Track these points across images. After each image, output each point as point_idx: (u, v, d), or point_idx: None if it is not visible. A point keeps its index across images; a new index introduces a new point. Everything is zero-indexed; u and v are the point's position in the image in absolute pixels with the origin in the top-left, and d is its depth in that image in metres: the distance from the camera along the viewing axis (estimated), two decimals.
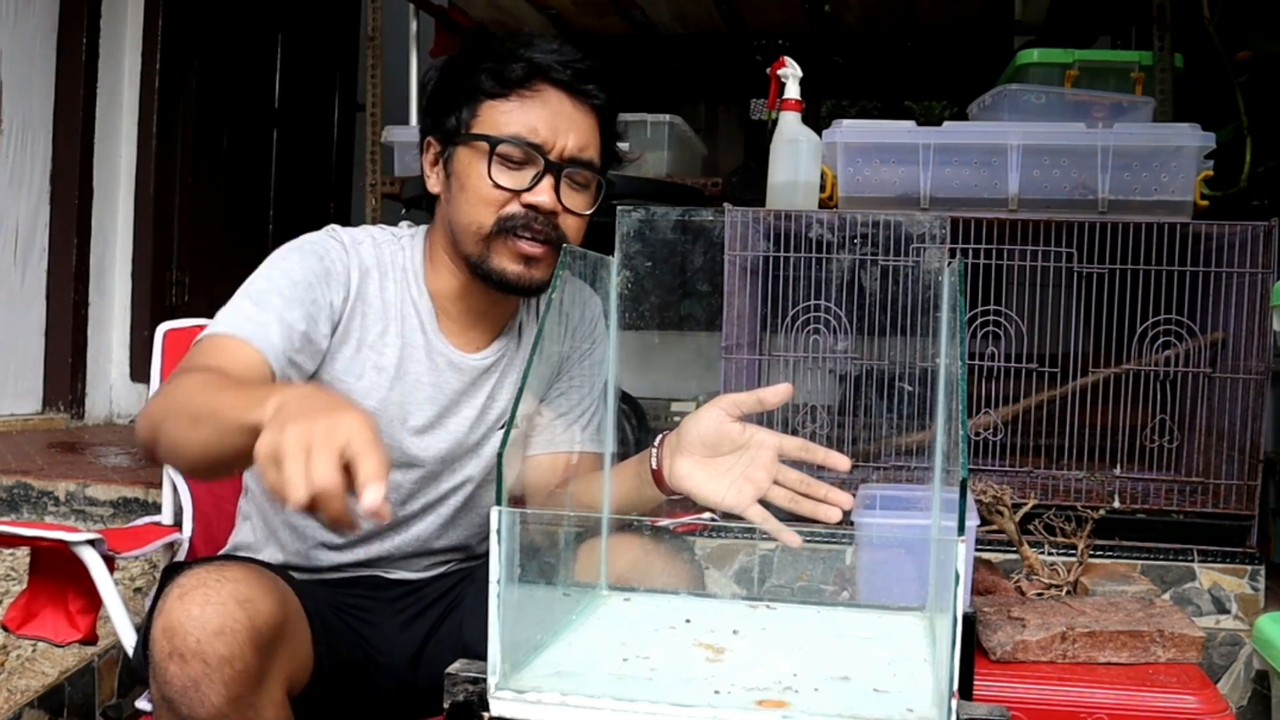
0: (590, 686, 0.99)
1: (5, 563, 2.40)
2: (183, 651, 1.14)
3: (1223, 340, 2.34)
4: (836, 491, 1.29)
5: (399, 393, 1.48)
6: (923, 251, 1.41)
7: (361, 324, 1.47)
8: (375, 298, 1.48)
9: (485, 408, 1.54)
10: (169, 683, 1.15)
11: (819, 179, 2.44)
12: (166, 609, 1.17)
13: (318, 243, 1.46)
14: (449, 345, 1.51)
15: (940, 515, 1.10)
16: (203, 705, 1.14)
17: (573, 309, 1.58)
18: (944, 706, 0.91)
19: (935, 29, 4.09)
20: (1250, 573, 2.27)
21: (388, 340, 1.48)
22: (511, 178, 1.41)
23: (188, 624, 1.15)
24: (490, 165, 1.41)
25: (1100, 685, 1.54)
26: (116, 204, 3.93)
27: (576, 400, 1.58)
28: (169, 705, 1.17)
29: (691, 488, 1.33)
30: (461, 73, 1.45)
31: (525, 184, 1.41)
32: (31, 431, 3.53)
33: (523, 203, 1.41)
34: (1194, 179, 2.34)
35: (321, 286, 1.42)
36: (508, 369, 1.56)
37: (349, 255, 1.46)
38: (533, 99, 1.42)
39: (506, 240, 1.42)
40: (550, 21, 3.96)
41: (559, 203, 1.42)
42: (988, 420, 2.39)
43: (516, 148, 1.41)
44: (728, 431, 1.32)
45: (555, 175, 1.42)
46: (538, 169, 1.41)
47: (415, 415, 1.49)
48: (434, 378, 1.50)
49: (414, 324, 1.50)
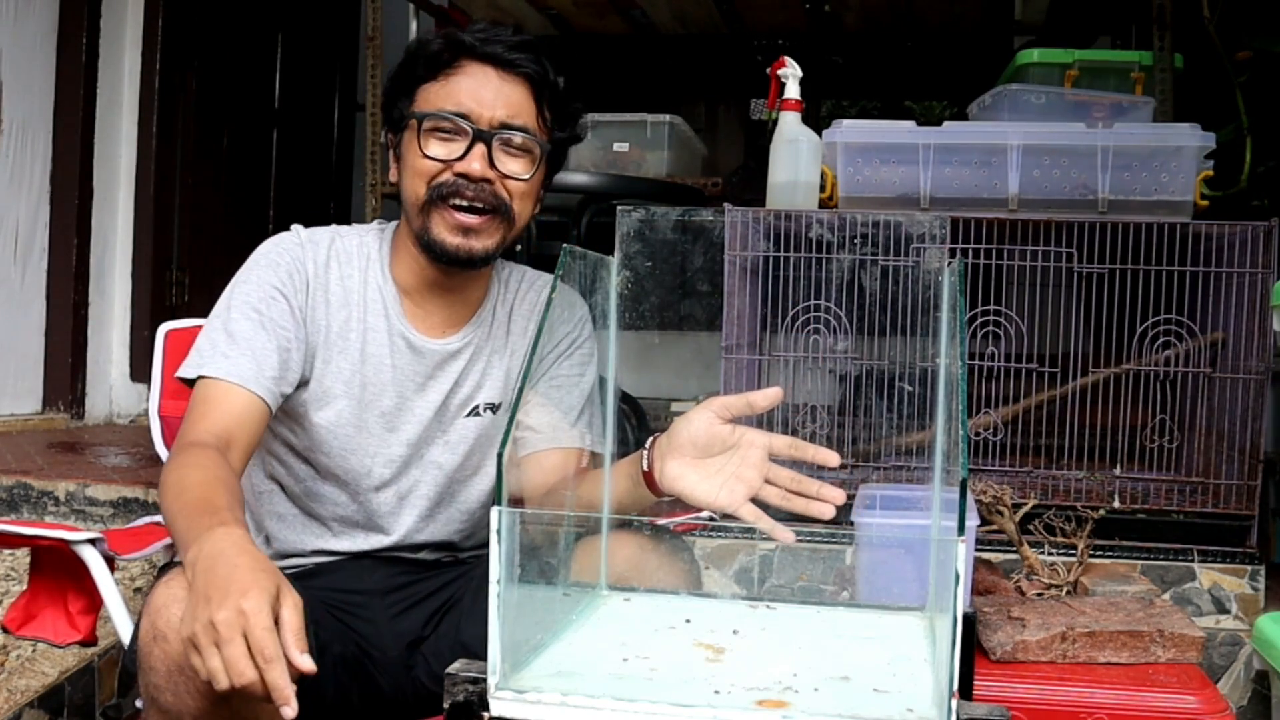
0: (590, 686, 0.99)
1: (5, 563, 2.40)
2: (165, 633, 1.13)
3: (1223, 340, 2.33)
4: (829, 488, 1.30)
5: (364, 375, 1.53)
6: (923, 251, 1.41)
7: (326, 313, 1.53)
8: (336, 286, 1.54)
9: (450, 393, 1.57)
10: (154, 669, 1.14)
11: (819, 179, 2.43)
12: (151, 597, 1.17)
13: (273, 250, 1.53)
14: (412, 329, 1.55)
15: (940, 515, 1.10)
16: (190, 692, 1.12)
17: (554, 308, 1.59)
18: (944, 706, 0.91)
19: (935, 29, 4.09)
20: (1250, 573, 2.27)
21: (350, 326, 1.53)
22: (444, 149, 1.48)
23: (171, 604, 1.14)
24: (420, 139, 1.48)
25: (1100, 685, 1.54)
26: (116, 204, 3.93)
27: (558, 399, 1.59)
28: (154, 698, 1.15)
29: (683, 489, 1.33)
30: (404, 68, 1.53)
31: (456, 154, 1.48)
32: (31, 431, 3.53)
33: (454, 171, 1.48)
34: (1194, 179, 2.34)
35: (284, 297, 1.49)
36: (475, 356, 1.58)
37: (304, 251, 1.53)
38: (458, 75, 1.49)
39: (443, 211, 1.48)
40: (550, 21, 3.97)
41: (491, 168, 1.47)
42: (988, 420, 2.39)
43: (444, 119, 1.47)
44: (718, 433, 1.32)
45: (485, 143, 1.47)
46: (467, 138, 1.47)
47: (382, 399, 1.54)
48: (394, 360, 1.54)
49: (377, 309, 1.55)
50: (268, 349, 1.45)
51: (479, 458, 1.60)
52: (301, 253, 1.53)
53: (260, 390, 1.42)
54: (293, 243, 1.54)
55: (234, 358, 1.43)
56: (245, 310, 1.47)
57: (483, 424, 1.59)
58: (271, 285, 1.49)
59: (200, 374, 1.43)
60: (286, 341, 1.47)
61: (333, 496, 1.56)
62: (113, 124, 3.87)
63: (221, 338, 1.45)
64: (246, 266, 1.53)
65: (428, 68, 1.50)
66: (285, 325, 1.48)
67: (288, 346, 1.47)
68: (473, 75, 1.49)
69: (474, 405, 1.58)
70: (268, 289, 1.49)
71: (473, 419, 1.58)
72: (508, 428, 1.04)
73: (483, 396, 1.59)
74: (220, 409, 1.40)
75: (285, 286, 1.49)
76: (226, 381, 1.41)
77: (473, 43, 1.49)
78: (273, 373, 1.44)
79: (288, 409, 1.52)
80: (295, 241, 1.54)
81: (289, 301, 1.49)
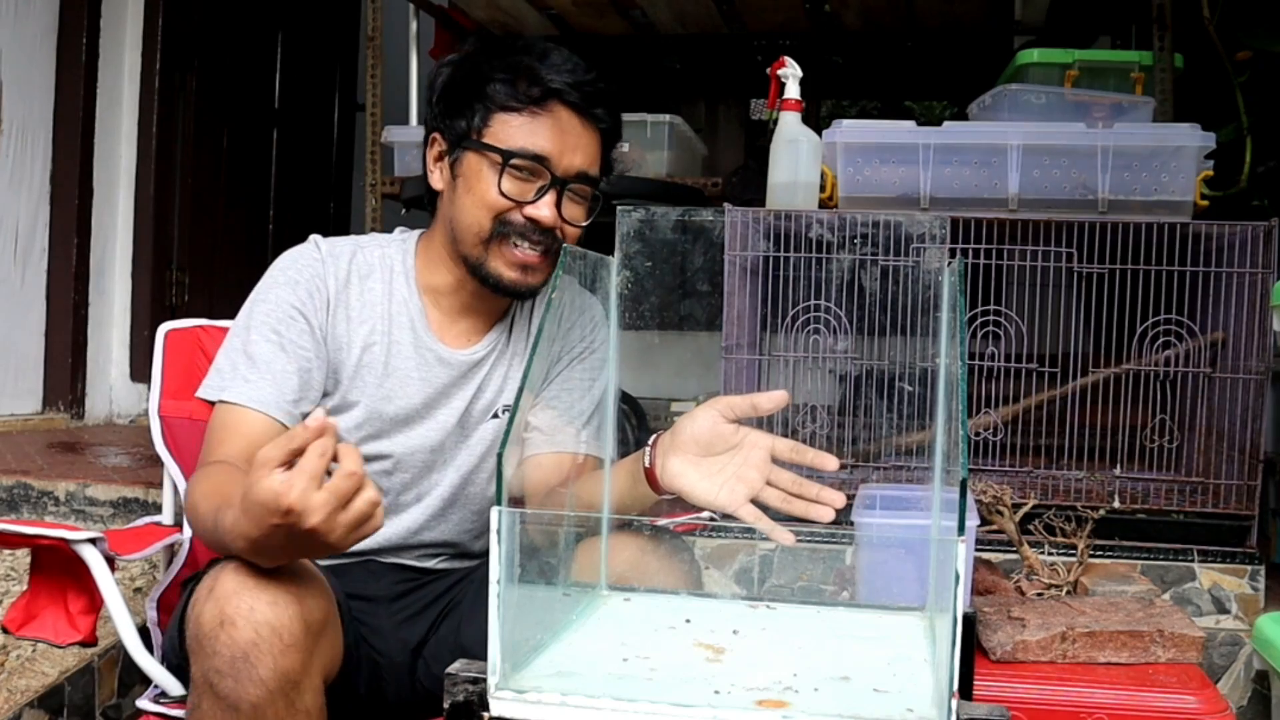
0: (590, 686, 0.99)
1: (5, 563, 2.40)
2: (234, 619, 1.14)
3: (1223, 340, 2.34)
4: (829, 491, 1.30)
5: (387, 389, 1.53)
6: (923, 251, 1.41)
7: (348, 330, 1.52)
8: (358, 301, 1.53)
9: (473, 399, 1.57)
10: (218, 653, 1.14)
11: (819, 179, 2.43)
12: (218, 582, 1.16)
13: (292, 266, 1.52)
14: (438, 341, 1.55)
15: (940, 515, 1.10)
16: (252, 679, 1.13)
17: (570, 311, 1.61)
18: (944, 706, 0.91)
19: (935, 29, 4.09)
20: (1250, 573, 2.27)
21: (374, 340, 1.53)
22: (517, 188, 1.47)
23: (241, 591, 1.15)
24: (501, 177, 1.46)
25: (1100, 685, 1.54)
26: (116, 204, 3.93)
27: (569, 403, 1.59)
28: (212, 685, 1.14)
29: (683, 486, 1.33)
30: (476, 77, 1.49)
31: (529, 196, 1.46)
32: (31, 431, 3.53)
33: (524, 214, 1.47)
34: (1194, 179, 2.34)
35: (304, 316, 1.49)
36: (497, 362, 1.59)
37: (325, 267, 1.53)
38: (545, 116, 1.47)
39: (504, 247, 1.48)
40: (550, 21, 3.96)
41: (559, 216, 1.47)
42: (988, 420, 2.39)
43: (527, 161, 1.46)
44: (721, 432, 1.32)
45: (559, 191, 1.47)
46: (543, 183, 1.47)
47: (404, 409, 1.54)
48: (422, 373, 1.54)
49: (402, 322, 1.54)
50: (287, 371, 1.46)
51: (495, 459, 1.59)
52: (322, 269, 1.52)
53: (280, 414, 1.44)
54: (313, 258, 1.53)
55: (254, 381, 1.44)
56: (265, 331, 1.47)
57: (500, 426, 1.59)
58: (290, 305, 1.49)
59: (221, 398, 1.45)
60: (306, 362, 1.48)
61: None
62: (113, 124, 3.87)
63: (242, 360, 1.46)
64: (265, 283, 1.52)
65: (513, 96, 1.46)
66: (305, 345, 1.48)
67: (308, 367, 1.48)
68: (559, 119, 1.47)
69: (495, 409, 1.59)
70: (287, 309, 1.49)
71: (492, 422, 1.59)
72: (508, 428, 1.04)
73: (504, 400, 1.59)
74: (240, 434, 1.41)
75: (305, 305, 1.49)
76: (247, 407, 1.43)
77: (563, 87, 1.47)
78: (292, 395, 1.46)
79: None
80: (315, 256, 1.53)
81: (308, 320, 1.49)
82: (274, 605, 1.15)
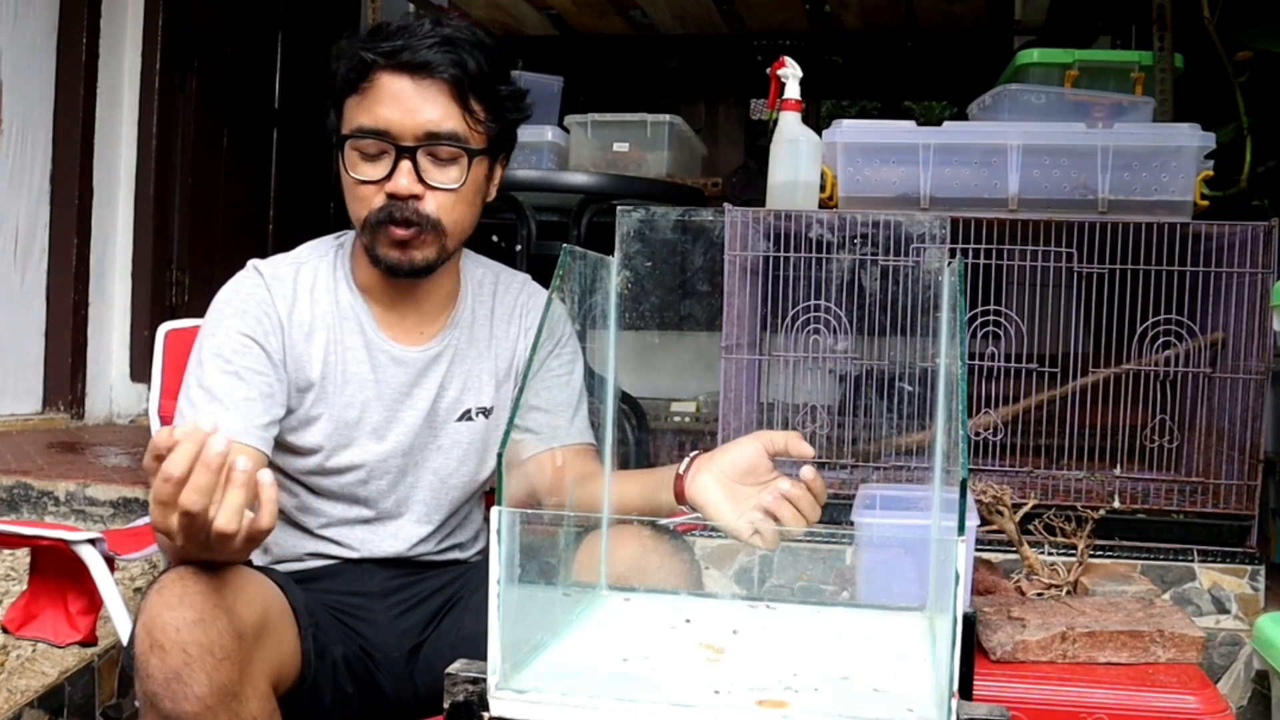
0: (590, 686, 0.99)
1: (5, 563, 2.40)
2: (162, 643, 1.14)
3: (1223, 340, 2.33)
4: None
5: (348, 395, 1.53)
6: (923, 251, 1.41)
7: (306, 347, 1.52)
8: (307, 315, 1.53)
9: (437, 398, 1.57)
10: (151, 677, 1.15)
11: (819, 179, 2.43)
12: (146, 605, 1.18)
13: (236, 296, 1.52)
14: (390, 341, 1.55)
15: (940, 515, 1.10)
16: (186, 697, 1.13)
17: (528, 314, 1.64)
18: (944, 706, 0.91)
19: (935, 29, 4.09)
20: (1250, 573, 2.27)
21: (330, 350, 1.53)
22: (371, 169, 1.46)
23: (165, 615, 1.15)
24: (348, 161, 1.47)
25: (1100, 685, 1.54)
26: (116, 204, 3.92)
27: (551, 397, 1.59)
28: (152, 703, 1.16)
29: (706, 500, 1.37)
30: (330, 77, 1.51)
31: (385, 173, 1.45)
32: (31, 431, 3.53)
33: (385, 192, 1.45)
34: (1194, 179, 2.34)
35: (255, 342, 1.49)
36: (457, 360, 1.58)
37: (271, 292, 1.52)
38: (371, 90, 1.45)
39: (382, 230, 1.47)
40: (550, 21, 3.97)
41: (420, 183, 1.45)
42: (988, 420, 2.39)
43: (366, 139, 1.45)
44: (759, 464, 1.36)
45: (410, 158, 1.44)
46: (391, 156, 1.45)
47: (369, 416, 1.54)
48: (378, 375, 1.54)
49: (351, 326, 1.54)
50: (250, 398, 1.45)
51: (475, 463, 1.60)
52: (268, 293, 1.52)
53: (252, 440, 1.43)
54: (255, 284, 1.53)
55: (218, 415, 1.42)
56: (218, 363, 1.46)
57: (475, 429, 1.59)
58: (240, 333, 1.48)
59: None
60: (267, 386, 1.47)
61: (330, 511, 1.56)
62: (113, 124, 3.87)
63: (201, 397, 1.45)
64: (211, 318, 1.52)
65: (345, 81, 1.47)
66: (262, 369, 1.48)
67: (269, 391, 1.47)
68: (388, 87, 1.44)
69: (464, 410, 1.59)
70: (237, 338, 1.48)
71: (464, 424, 1.59)
72: (508, 428, 1.04)
73: (472, 400, 1.59)
74: None
75: (255, 331, 1.49)
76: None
77: (372, 59, 1.44)
78: (260, 420, 1.45)
79: (280, 441, 1.51)
80: (258, 282, 1.53)
81: (262, 346, 1.49)
82: (200, 624, 1.15)
